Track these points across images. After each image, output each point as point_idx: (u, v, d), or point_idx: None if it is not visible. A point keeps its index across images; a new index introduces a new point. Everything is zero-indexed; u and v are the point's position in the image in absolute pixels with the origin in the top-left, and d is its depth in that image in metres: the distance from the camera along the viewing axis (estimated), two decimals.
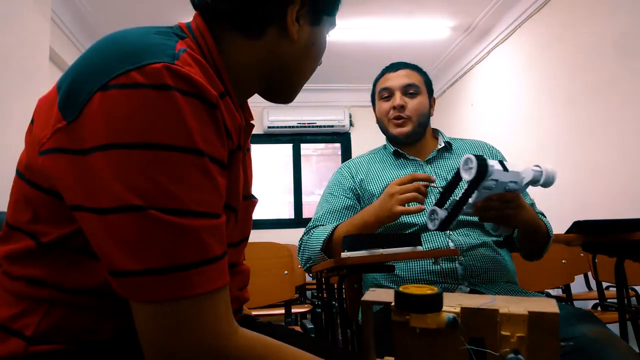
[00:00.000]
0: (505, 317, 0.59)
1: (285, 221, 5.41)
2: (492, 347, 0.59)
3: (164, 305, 0.52)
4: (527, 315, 0.58)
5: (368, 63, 4.70)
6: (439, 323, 0.59)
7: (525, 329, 0.58)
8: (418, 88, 1.50)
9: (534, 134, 3.49)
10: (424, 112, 1.50)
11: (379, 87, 1.56)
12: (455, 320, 0.59)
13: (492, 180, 1.08)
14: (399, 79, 1.51)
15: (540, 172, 1.12)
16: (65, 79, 0.58)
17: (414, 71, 1.54)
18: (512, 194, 1.15)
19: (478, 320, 0.59)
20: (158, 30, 0.61)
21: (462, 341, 0.59)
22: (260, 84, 0.73)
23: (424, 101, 1.51)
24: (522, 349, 0.58)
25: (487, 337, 0.59)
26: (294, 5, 0.67)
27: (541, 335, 0.59)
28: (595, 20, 2.82)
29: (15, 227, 0.62)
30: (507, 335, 0.58)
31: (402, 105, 1.48)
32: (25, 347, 0.58)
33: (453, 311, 0.59)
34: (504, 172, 1.09)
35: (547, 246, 1.37)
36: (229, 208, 0.64)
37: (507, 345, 0.59)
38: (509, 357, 0.58)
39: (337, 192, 1.49)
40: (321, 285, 2.96)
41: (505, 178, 1.10)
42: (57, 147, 0.55)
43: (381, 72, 1.59)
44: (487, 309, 0.60)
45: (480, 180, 1.07)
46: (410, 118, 1.49)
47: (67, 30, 3.71)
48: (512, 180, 1.11)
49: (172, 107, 0.52)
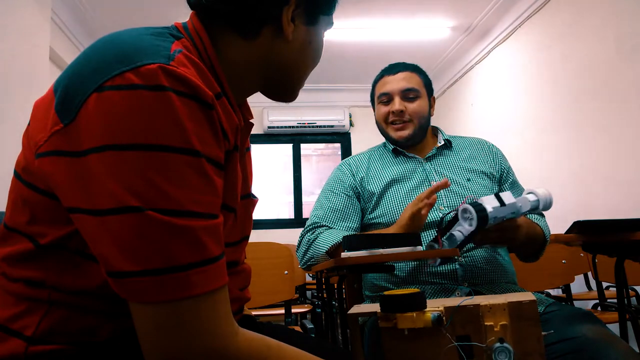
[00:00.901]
0: (486, 309, 0.62)
1: (285, 221, 5.40)
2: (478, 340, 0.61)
3: (162, 306, 0.52)
4: (507, 304, 0.62)
5: (368, 63, 4.70)
6: (425, 322, 0.61)
7: (507, 317, 0.62)
8: (417, 92, 1.49)
9: (534, 134, 3.49)
10: (424, 114, 1.49)
11: (378, 91, 1.54)
12: (440, 318, 0.61)
13: (492, 219, 1.08)
14: (397, 82, 1.49)
15: (537, 201, 1.12)
16: (61, 81, 0.58)
17: (413, 73, 1.52)
18: (508, 221, 1.14)
19: (462, 316, 0.62)
20: (153, 31, 0.61)
21: (449, 339, 0.61)
22: (258, 83, 0.73)
23: (423, 104, 1.49)
24: (506, 337, 0.61)
25: (472, 332, 0.62)
26: (289, 6, 0.67)
27: (523, 323, 0.62)
28: (595, 20, 2.82)
29: (13, 229, 0.62)
30: (491, 324, 0.62)
31: (401, 111, 1.47)
32: (26, 348, 0.58)
33: (437, 309, 0.62)
34: (501, 207, 1.09)
35: (542, 250, 1.38)
36: (226, 208, 0.64)
37: (492, 335, 0.61)
38: (495, 346, 0.60)
39: (338, 189, 1.48)
40: (321, 285, 2.97)
41: (502, 213, 1.10)
42: (54, 149, 0.55)
43: (380, 74, 1.56)
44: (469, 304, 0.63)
45: (482, 227, 1.08)
46: (410, 121, 1.48)
47: (67, 30, 3.71)
48: (510, 212, 1.11)
49: (168, 108, 0.52)
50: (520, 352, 0.62)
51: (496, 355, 0.61)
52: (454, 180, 1.43)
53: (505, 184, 1.47)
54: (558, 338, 1.04)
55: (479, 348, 0.61)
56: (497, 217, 1.09)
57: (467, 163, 1.48)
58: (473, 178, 1.44)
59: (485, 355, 0.62)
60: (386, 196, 1.43)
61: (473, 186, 1.41)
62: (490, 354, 0.61)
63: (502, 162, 1.50)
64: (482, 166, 1.47)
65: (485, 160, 1.49)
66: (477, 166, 1.47)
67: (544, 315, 1.18)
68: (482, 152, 1.51)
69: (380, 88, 1.53)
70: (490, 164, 1.48)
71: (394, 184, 1.44)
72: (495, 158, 1.50)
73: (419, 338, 0.61)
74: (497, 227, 1.14)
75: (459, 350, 0.61)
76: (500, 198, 1.10)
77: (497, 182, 1.47)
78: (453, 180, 1.43)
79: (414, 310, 0.60)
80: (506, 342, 0.61)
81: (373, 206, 1.43)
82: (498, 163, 1.49)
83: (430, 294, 1.31)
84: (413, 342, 0.61)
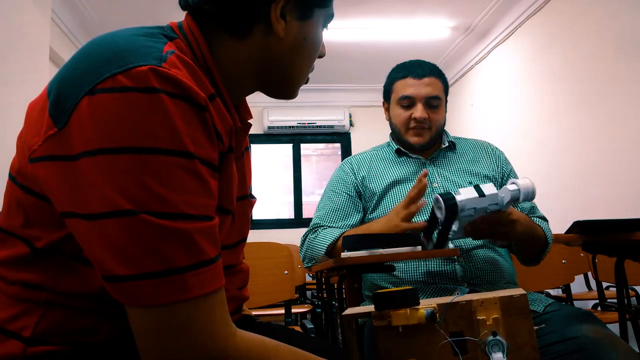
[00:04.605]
0: (478, 304, 0.64)
1: (285, 221, 5.40)
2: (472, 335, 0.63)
3: (159, 310, 0.52)
4: (498, 299, 0.63)
5: (368, 63, 4.71)
6: (419, 318, 0.62)
7: (499, 311, 0.63)
8: (440, 100, 1.45)
9: (534, 134, 3.49)
10: (442, 122, 1.48)
11: (399, 92, 1.46)
12: (434, 314, 0.62)
13: (469, 210, 1.09)
14: (423, 88, 1.43)
15: (517, 191, 1.11)
16: (54, 83, 0.57)
17: (438, 80, 1.46)
18: (498, 215, 1.14)
19: (455, 312, 0.63)
20: (146, 32, 0.60)
21: (443, 336, 0.62)
22: (255, 82, 0.72)
23: (443, 112, 1.48)
24: (499, 331, 0.62)
25: (465, 328, 0.63)
26: (277, 2, 0.65)
27: (514, 317, 0.63)
28: (595, 20, 2.82)
29: (9, 232, 0.62)
30: (483, 318, 0.63)
31: (424, 119, 1.43)
32: (24, 349, 0.58)
33: (430, 306, 0.63)
34: (480, 197, 1.09)
35: (544, 253, 1.37)
36: (222, 210, 0.63)
37: (485, 329, 0.63)
38: (488, 340, 0.62)
39: (340, 189, 1.48)
40: (321, 285, 2.97)
41: (482, 204, 1.10)
42: (47, 154, 0.54)
43: (402, 72, 1.48)
44: (461, 301, 0.64)
45: (453, 216, 1.09)
46: (430, 128, 1.45)
47: (67, 30, 3.71)
48: (492, 203, 1.12)
49: (160, 110, 0.52)
50: (513, 345, 0.63)
51: (490, 348, 0.62)
52: (457, 182, 1.43)
53: None
54: (558, 338, 1.04)
55: (472, 343, 0.62)
56: (477, 209, 1.10)
57: (470, 165, 1.48)
58: (475, 181, 1.43)
59: (479, 349, 0.63)
60: (387, 196, 1.43)
61: None
62: (484, 348, 0.62)
63: (503, 165, 1.50)
64: (485, 169, 1.47)
65: (488, 163, 1.49)
66: (479, 169, 1.47)
67: (544, 315, 1.18)
68: (485, 155, 1.51)
69: (403, 89, 1.46)
70: (492, 167, 1.48)
71: (396, 185, 1.44)
72: (497, 161, 1.50)
73: (414, 335, 0.62)
74: (486, 220, 1.13)
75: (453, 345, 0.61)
76: (479, 189, 1.10)
77: (499, 185, 1.47)
78: (455, 182, 1.43)
79: (407, 307, 0.61)
80: (499, 336, 0.62)
81: (374, 206, 1.43)
82: (500, 166, 1.49)
83: (430, 294, 1.31)
84: (407, 339, 0.62)
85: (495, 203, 1.11)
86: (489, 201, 1.11)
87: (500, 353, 0.62)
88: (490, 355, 0.62)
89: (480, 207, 1.10)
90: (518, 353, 0.63)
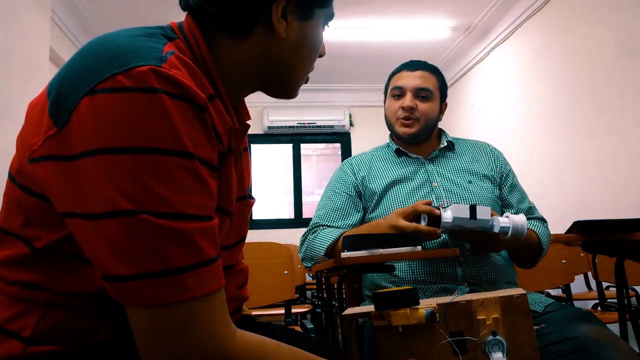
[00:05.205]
0: (478, 303, 0.64)
1: (285, 221, 5.40)
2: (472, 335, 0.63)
3: (159, 310, 0.52)
4: (498, 299, 0.64)
5: (368, 63, 4.71)
6: (419, 318, 0.61)
7: (499, 310, 0.63)
8: (431, 93, 1.47)
9: (534, 134, 3.49)
10: (432, 116, 1.48)
11: (392, 83, 1.52)
12: (433, 313, 0.62)
13: (455, 226, 1.16)
14: (413, 79, 1.47)
15: (507, 227, 1.17)
16: (54, 82, 0.57)
17: (431, 74, 1.50)
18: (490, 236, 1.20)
19: (455, 312, 0.63)
20: (146, 32, 0.60)
21: (443, 336, 0.62)
22: (255, 82, 0.72)
23: (434, 106, 1.48)
24: (499, 331, 0.62)
25: (465, 328, 0.63)
26: (278, 3, 0.65)
27: (514, 317, 0.64)
28: (595, 21, 2.82)
29: (8, 232, 0.62)
30: (483, 318, 0.63)
31: (411, 107, 1.46)
32: (24, 348, 0.58)
33: (430, 306, 0.63)
34: (470, 220, 1.15)
35: (539, 257, 1.38)
36: (221, 211, 0.63)
37: (484, 329, 0.63)
38: (488, 339, 0.61)
39: (340, 189, 1.49)
40: (321, 285, 2.97)
41: (471, 225, 1.16)
42: (48, 154, 0.54)
43: (398, 68, 1.54)
44: (461, 300, 0.64)
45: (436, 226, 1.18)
46: (418, 120, 1.46)
47: (67, 30, 3.71)
48: (481, 227, 1.17)
49: (160, 110, 0.52)
50: (513, 345, 0.63)
51: (489, 348, 0.62)
52: (456, 182, 1.43)
53: (505, 187, 1.47)
54: (558, 338, 1.04)
55: (472, 343, 0.62)
56: (464, 227, 1.17)
57: (469, 165, 1.48)
58: (474, 181, 1.44)
59: (479, 349, 0.63)
60: (387, 196, 1.43)
61: (474, 188, 1.42)
62: (484, 348, 0.62)
63: (502, 166, 1.50)
64: (484, 169, 1.47)
65: (487, 163, 1.49)
66: (478, 169, 1.47)
67: (544, 315, 1.18)
68: (484, 155, 1.51)
69: (396, 81, 1.51)
70: (491, 167, 1.49)
71: (396, 185, 1.44)
72: (496, 161, 1.50)
73: (413, 335, 0.62)
74: (470, 236, 1.24)
75: (453, 345, 0.61)
76: (474, 211, 1.15)
77: (498, 186, 1.47)
78: (454, 182, 1.43)
79: (407, 306, 0.61)
80: (499, 335, 0.62)
81: (374, 205, 1.44)
82: (499, 166, 1.49)
83: (430, 294, 1.31)
84: (407, 339, 0.62)
85: (484, 227, 1.17)
86: (479, 224, 1.16)
87: (500, 353, 0.62)
88: (490, 355, 0.62)
89: (467, 227, 1.17)
90: (518, 353, 0.63)
